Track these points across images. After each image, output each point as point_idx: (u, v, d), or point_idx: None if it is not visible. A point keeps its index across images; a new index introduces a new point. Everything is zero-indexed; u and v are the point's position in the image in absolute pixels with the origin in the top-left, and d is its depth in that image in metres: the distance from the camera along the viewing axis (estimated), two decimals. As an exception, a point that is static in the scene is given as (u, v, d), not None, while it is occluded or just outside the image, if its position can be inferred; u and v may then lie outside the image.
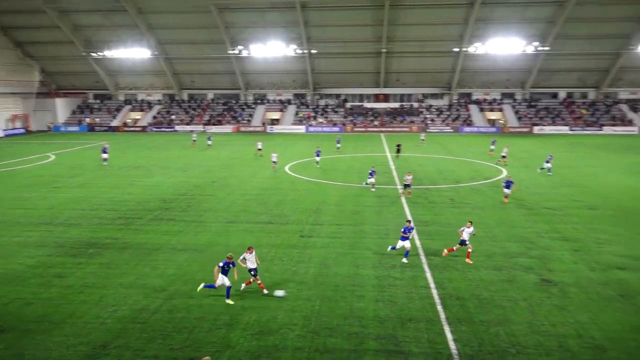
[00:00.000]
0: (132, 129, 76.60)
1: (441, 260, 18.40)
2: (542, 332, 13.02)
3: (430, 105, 79.56)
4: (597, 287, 15.91)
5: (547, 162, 36.54)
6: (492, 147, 48.32)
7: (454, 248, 18.66)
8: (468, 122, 74.89)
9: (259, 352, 12.32)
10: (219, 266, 15.05)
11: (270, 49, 70.61)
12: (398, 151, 46.05)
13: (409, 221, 18.85)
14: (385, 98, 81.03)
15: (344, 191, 30.73)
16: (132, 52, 73.18)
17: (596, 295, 15.32)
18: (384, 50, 70.28)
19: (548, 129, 71.12)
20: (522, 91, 79.06)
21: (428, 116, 77.08)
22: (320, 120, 77.17)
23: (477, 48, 68.11)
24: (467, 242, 18.30)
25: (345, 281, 16.48)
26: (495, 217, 24.40)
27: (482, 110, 77.47)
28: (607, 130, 70.26)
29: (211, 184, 33.07)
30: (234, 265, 15.16)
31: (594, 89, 78.09)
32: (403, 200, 28.20)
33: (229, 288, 15.02)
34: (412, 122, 75.61)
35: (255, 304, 14.80)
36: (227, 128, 75.51)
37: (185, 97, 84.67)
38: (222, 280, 15.00)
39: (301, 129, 74.70)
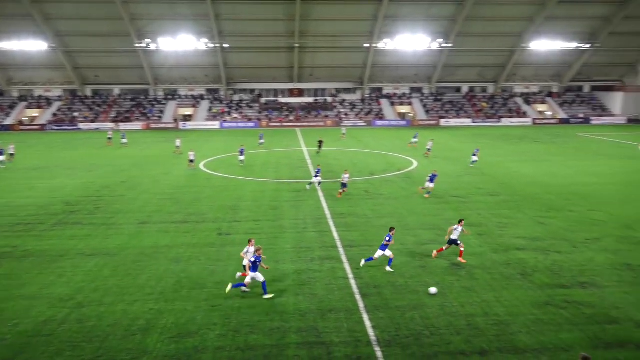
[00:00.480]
0: (28, 127, 70.77)
1: (358, 251, 18.89)
2: (453, 313, 13.81)
3: (344, 100, 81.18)
4: (500, 268, 17.13)
5: (474, 155, 37.97)
6: (414, 140, 49.11)
7: (444, 248, 18.12)
8: (380, 115, 77.33)
9: (177, 355, 11.96)
10: (250, 262, 14.61)
11: (181, 43, 68.32)
12: (319, 147, 45.18)
13: (392, 229, 17.32)
14: (300, 93, 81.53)
15: (261, 187, 30.56)
16: (26, 45, 67.54)
17: (499, 275, 16.49)
18: (297, 45, 70.57)
19: (453, 122, 75.26)
20: (429, 86, 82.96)
21: (342, 110, 78.61)
22: (235, 115, 76.07)
23: (386, 44, 70.41)
24: (459, 242, 17.83)
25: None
26: (407, 207, 25.44)
27: (392, 104, 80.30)
28: (505, 121, 75.74)
29: (121, 184, 31.48)
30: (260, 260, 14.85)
31: (492, 84, 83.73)
32: (320, 193, 28.58)
33: (264, 283, 14.81)
34: (327, 116, 76.73)
35: (172, 307, 14.34)
36: (137, 125, 72.10)
37: (89, 93, 79.69)
38: (253, 276, 14.70)
39: (215, 125, 73.16)
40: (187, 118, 76.17)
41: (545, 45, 72.85)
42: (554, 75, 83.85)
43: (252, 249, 15.40)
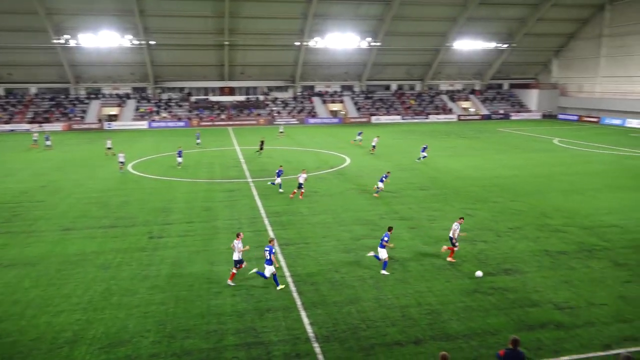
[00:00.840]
0: None
1: (294, 249, 18.93)
2: (388, 305, 14.17)
3: (276, 98, 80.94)
4: (431, 259, 17.77)
5: (423, 151, 38.77)
6: (359, 137, 49.65)
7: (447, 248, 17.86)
8: (312, 113, 77.82)
9: (109, 366, 11.44)
10: (272, 253, 15.05)
11: (103, 39, 65.20)
12: (261, 147, 42.76)
13: (390, 228, 16.98)
14: (231, 91, 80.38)
15: (193, 187, 29.85)
16: None
17: (431, 266, 17.12)
18: (226, 42, 69.47)
19: (384, 119, 77.17)
20: (359, 83, 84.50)
21: (274, 109, 78.36)
22: (164, 115, 73.74)
23: (317, 42, 70.94)
24: (454, 241, 17.51)
25: (200, 279, 16.07)
26: (341, 203, 25.79)
27: (324, 102, 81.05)
28: (432, 118, 78.66)
29: (41, 189, 29.61)
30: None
31: (419, 82, 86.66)
32: (254, 192, 28.34)
33: (275, 276, 15.33)
34: (259, 115, 76.19)
35: (101, 316, 13.69)
36: (57, 126, 68.07)
37: (2, 92, 74.24)
38: (269, 269, 15.16)
39: (143, 124, 70.57)
40: (112, 118, 72.92)
41: (468, 44, 76.36)
42: (476, 73, 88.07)
43: (240, 244, 15.63)
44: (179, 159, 36.77)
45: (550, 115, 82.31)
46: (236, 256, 15.69)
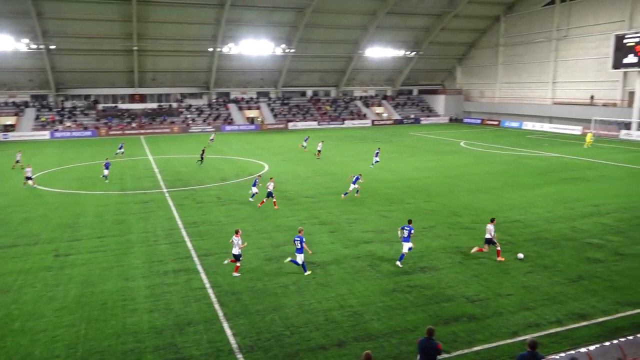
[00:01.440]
0: None
1: (214, 259, 18.50)
2: (311, 310, 14.25)
3: (190, 105, 78.91)
4: (351, 262, 18.12)
5: (376, 155, 39.19)
6: (305, 143, 49.03)
7: (483, 249, 18.39)
8: (229, 120, 76.75)
9: (12, 398, 10.48)
10: (303, 242, 16.61)
11: (-4, 43, 60.12)
12: (202, 157, 40.81)
13: (410, 221, 18.04)
14: (142, 98, 77.20)
15: (104, 200, 28.26)
16: None
17: (351, 268, 17.45)
18: (135, 48, 66.68)
19: (300, 125, 77.80)
20: (275, 90, 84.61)
21: (189, 116, 76.34)
22: (68, 124, 69.25)
23: (230, 48, 70.11)
24: (495, 241, 17.95)
25: (113, 297, 15.22)
26: (261, 211, 25.61)
27: (240, 108, 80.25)
28: (347, 123, 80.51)
29: None
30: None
31: (334, 88, 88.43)
32: (170, 203, 27.40)
33: (304, 263, 16.83)
34: (173, 122, 73.88)
35: (1, 345, 12.52)
36: (-57, 138, 61.67)
37: None
38: (299, 257, 16.62)
39: (45, 135, 65.82)
40: (8, 128, 67.26)
41: (378, 52, 79.12)
42: (387, 80, 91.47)
43: (239, 240, 16.77)
44: (106, 172, 33.80)
45: (457, 119, 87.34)
46: (235, 251, 16.81)
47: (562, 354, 10.20)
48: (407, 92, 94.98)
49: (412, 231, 17.65)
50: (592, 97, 65.68)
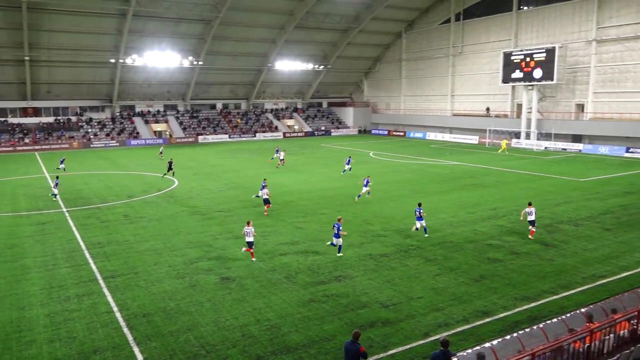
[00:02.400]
0: None
1: (122, 280, 17.52)
2: (227, 327, 13.92)
3: (91, 119, 74.53)
4: (267, 275, 17.99)
5: (348, 163, 41.54)
6: (277, 155, 47.88)
7: (533, 230, 22.07)
8: (134, 134, 73.47)
9: None
10: (340, 229, 19.46)
11: None
12: (170, 168, 39.99)
13: (420, 204, 22.90)
14: (36, 112, 71.64)
15: (-7, 223, 25.77)
16: None
17: (267, 282, 17.32)
18: (27, 58, 61.82)
19: (211, 138, 76.34)
20: (183, 103, 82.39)
21: (90, 130, 72.05)
22: (-51, 140, 62.51)
23: (134, 60, 67.22)
24: (535, 223, 22.06)
25: (7, 329, 13.87)
26: (172, 227, 24.72)
27: (147, 122, 77.18)
28: (259, 136, 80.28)
29: None
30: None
31: (245, 100, 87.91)
32: (71, 223, 25.60)
33: (340, 246, 19.80)
34: (72, 137, 69.33)
35: None
36: None
37: None
38: (336, 241, 19.59)
39: None
40: None
41: (288, 65, 79.96)
42: (297, 92, 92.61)
43: (251, 229, 19.47)
44: (55, 190, 31.86)
45: (365, 131, 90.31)
46: (249, 239, 19.35)
47: (470, 350, 10.81)
48: (317, 105, 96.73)
49: (422, 211, 22.45)
50: (488, 109, 70.95)
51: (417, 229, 22.61)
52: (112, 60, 66.91)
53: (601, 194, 32.14)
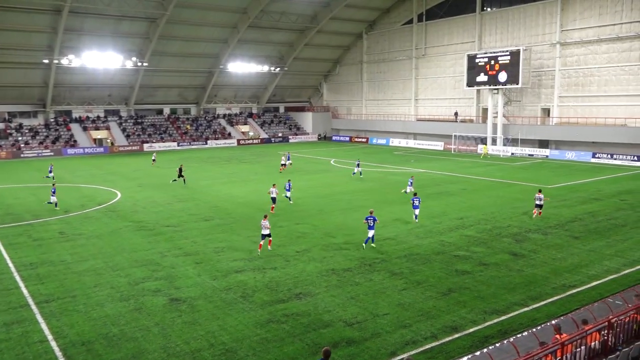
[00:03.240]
0: None
1: (58, 305, 16.85)
2: (178, 353, 13.58)
3: (22, 125, 71.80)
4: (221, 294, 17.70)
5: (357, 166, 44.63)
6: (288, 161, 51.17)
7: (537, 212, 27.95)
8: (72, 142, 71.27)
9: None
10: (375, 220, 22.52)
11: None
12: (180, 175, 41.49)
13: (415, 193, 28.00)
14: (-43, 118, 68.48)
15: None
16: None
17: (221, 302, 17.04)
18: (-54, 57, 59.14)
19: (158, 146, 74.93)
20: (127, 108, 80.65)
21: (20, 138, 69.39)
22: None
23: (71, 60, 65.25)
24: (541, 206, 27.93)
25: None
26: (115, 245, 24.03)
27: (86, 129, 75.07)
28: (211, 143, 79.48)
29: None
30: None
31: (195, 105, 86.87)
32: (-2, 243, 24.52)
33: (372, 237, 22.76)
34: (0, 146, 66.54)
35: None
36: None
37: None
38: (372, 234, 22.48)
39: None
40: None
41: (241, 67, 79.64)
42: (252, 96, 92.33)
43: (267, 223, 22.20)
44: (53, 198, 32.07)
45: (325, 137, 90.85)
46: (265, 232, 22.02)
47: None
48: (273, 110, 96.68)
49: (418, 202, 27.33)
50: (456, 114, 72.35)
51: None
52: (46, 61, 64.71)
53: (568, 200, 33.40)
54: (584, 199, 33.89)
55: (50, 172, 44.49)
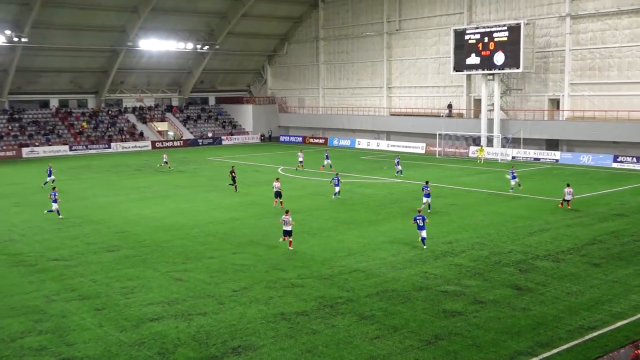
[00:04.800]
0: None
1: None
2: None
3: None
4: (131, 352, 17.28)
5: (397, 164, 49.87)
6: (328, 161, 56.75)
7: (561, 205, 36.00)
8: None
9: None
10: (425, 220, 27.30)
11: None
12: (234, 179, 44.61)
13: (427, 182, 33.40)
14: None
15: None
16: None
17: (131, 361, 16.67)
18: None
19: (42, 151, 73.18)
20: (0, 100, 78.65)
21: None
22: None
23: None
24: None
25: None
26: (-18, 286, 23.24)
27: (-60, 128, 72.62)
28: (116, 147, 78.31)
29: None
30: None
31: (93, 96, 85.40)
32: None
33: (424, 239, 27.32)
34: None
35: None
36: None
37: None
38: (423, 234, 27.43)
39: None
40: None
41: (157, 45, 79.02)
42: (172, 84, 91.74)
43: (289, 218, 27.42)
44: (55, 205, 35.45)
45: (271, 138, 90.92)
46: (287, 227, 27.38)
47: None
48: (201, 101, 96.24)
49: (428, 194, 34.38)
50: (450, 106, 72.93)
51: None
52: None
53: (585, 217, 34.42)
54: (604, 216, 34.97)
55: (51, 174, 47.34)
